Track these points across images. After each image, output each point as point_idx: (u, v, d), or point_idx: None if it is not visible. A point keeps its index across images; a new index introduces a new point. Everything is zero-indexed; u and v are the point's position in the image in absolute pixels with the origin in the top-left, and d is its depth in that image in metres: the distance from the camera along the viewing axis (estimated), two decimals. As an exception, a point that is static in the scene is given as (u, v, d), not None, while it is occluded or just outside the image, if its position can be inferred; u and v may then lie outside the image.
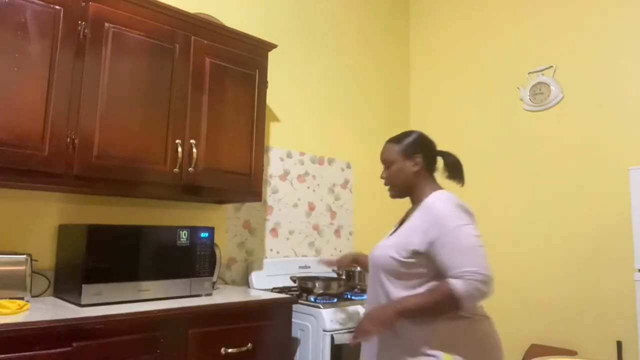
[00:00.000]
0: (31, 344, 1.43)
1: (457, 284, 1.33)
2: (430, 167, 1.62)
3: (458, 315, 1.41)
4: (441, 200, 1.47)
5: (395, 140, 1.65)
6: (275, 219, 2.86)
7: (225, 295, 2.11)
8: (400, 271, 1.47)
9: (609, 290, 2.66)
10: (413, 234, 1.46)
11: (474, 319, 1.44)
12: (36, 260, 1.92)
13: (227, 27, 2.35)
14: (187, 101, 2.13)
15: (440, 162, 1.65)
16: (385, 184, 1.67)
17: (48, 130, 1.73)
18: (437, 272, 1.42)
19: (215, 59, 2.25)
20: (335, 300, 2.29)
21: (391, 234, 1.62)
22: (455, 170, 1.62)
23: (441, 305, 1.37)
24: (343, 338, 2.12)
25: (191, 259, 2.03)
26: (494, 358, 1.43)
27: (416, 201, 1.59)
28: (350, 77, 3.43)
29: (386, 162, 1.65)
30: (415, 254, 1.44)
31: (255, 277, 2.63)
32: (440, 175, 1.63)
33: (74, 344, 1.51)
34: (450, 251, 1.37)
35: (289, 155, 2.97)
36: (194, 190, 2.14)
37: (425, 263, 1.44)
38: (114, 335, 1.60)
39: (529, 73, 3.13)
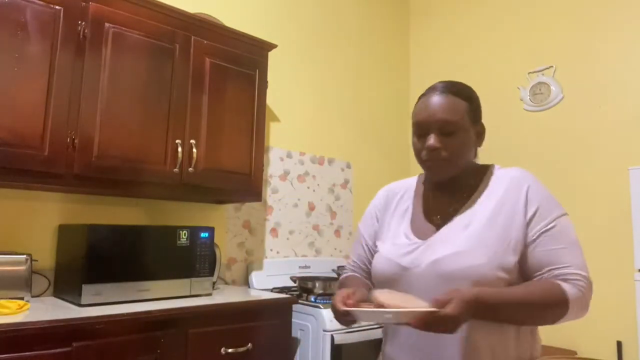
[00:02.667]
0: (31, 344, 1.43)
1: (567, 288, 0.98)
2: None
3: (532, 338, 1.05)
4: (530, 175, 1.07)
5: (458, 92, 1.09)
6: (275, 219, 2.86)
7: (225, 295, 2.11)
8: (505, 284, 1.00)
9: (609, 290, 2.65)
10: (503, 216, 1.03)
11: (537, 342, 1.09)
12: (36, 260, 1.92)
13: (227, 27, 2.35)
14: (187, 101, 2.13)
15: None
16: (442, 159, 1.06)
17: (48, 130, 1.73)
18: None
19: (215, 59, 2.25)
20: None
21: (417, 232, 1.12)
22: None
23: (545, 308, 0.98)
24: (343, 338, 2.12)
25: (191, 259, 2.03)
26: None
27: (459, 181, 1.12)
28: (350, 77, 3.42)
29: (447, 124, 1.05)
30: (519, 254, 1.01)
31: (255, 277, 2.63)
32: None
33: (74, 344, 1.51)
34: (558, 243, 1.00)
35: (289, 155, 2.97)
36: (194, 190, 2.14)
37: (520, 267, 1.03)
38: (114, 335, 1.60)
39: (529, 73, 3.13)
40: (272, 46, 2.51)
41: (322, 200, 3.13)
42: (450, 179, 1.11)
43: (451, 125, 1.05)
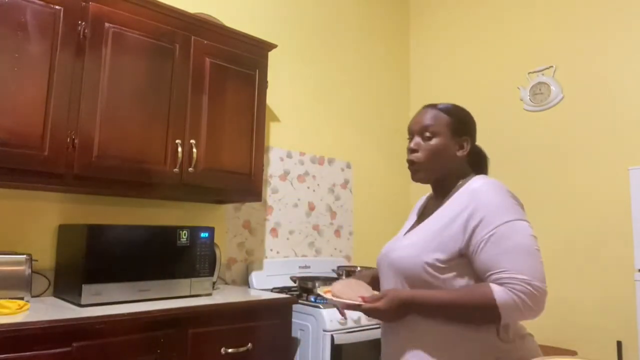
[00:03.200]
0: (31, 344, 1.43)
1: (497, 291, 1.04)
2: (469, 157, 1.29)
3: (496, 338, 1.11)
4: (491, 186, 1.16)
5: (443, 109, 1.26)
6: (275, 219, 2.86)
7: (225, 295, 2.11)
8: (433, 279, 1.13)
9: (609, 290, 2.65)
10: (452, 228, 1.14)
11: (515, 343, 1.13)
12: (36, 260, 1.92)
13: (227, 27, 2.35)
14: (187, 101, 2.13)
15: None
16: (416, 159, 1.24)
17: (48, 130, 1.73)
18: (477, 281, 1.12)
19: (215, 59, 2.25)
20: (335, 300, 2.28)
21: (408, 231, 1.30)
22: (482, 170, 1.32)
23: (474, 310, 1.06)
24: (343, 338, 2.12)
25: (191, 259, 2.03)
26: None
27: (445, 192, 1.26)
28: (350, 77, 3.43)
29: (426, 130, 1.23)
30: (455, 254, 1.12)
31: (255, 277, 2.63)
32: None
33: (74, 344, 1.51)
34: (495, 249, 1.07)
35: (289, 155, 2.97)
36: (194, 190, 2.14)
37: (466, 269, 1.13)
38: (114, 335, 1.60)
39: (529, 73, 3.13)
40: (272, 46, 2.51)
41: (322, 200, 3.13)
42: (438, 188, 1.29)
43: (430, 131, 1.23)
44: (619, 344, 2.57)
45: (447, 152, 1.23)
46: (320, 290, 1.23)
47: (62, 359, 1.49)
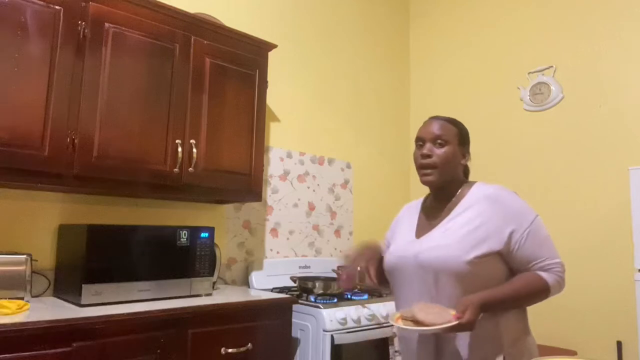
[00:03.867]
0: (31, 344, 1.43)
1: (547, 277, 1.29)
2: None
3: (517, 320, 1.33)
4: (503, 192, 1.34)
5: (450, 121, 1.42)
6: (275, 219, 2.86)
7: (225, 295, 2.11)
8: (470, 275, 1.26)
9: (609, 290, 2.65)
10: (483, 230, 1.28)
11: (526, 324, 1.39)
12: (36, 260, 1.92)
13: (227, 27, 2.35)
14: (187, 101, 2.13)
15: None
16: (429, 162, 1.36)
17: (48, 130, 1.73)
18: (508, 274, 1.30)
19: (215, 59, 2.25)
20: (335, 300, 2.29)
21: (418, 232, 1.41)
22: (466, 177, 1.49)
23: (533, 298, 1.29)
24: (343, 338, 2.12)
25: (191, 259, 2.03)
26: None
27: (447, 197, 1.39)
28: (350, 77, 3.43)
29: (438, 138, 1.36)
30: (488, 252, 1.27)
31: (255, 277, 2.63)
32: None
33: (74, 344, 1.51)
34: (535, 244, 1.29)
35: (289, 155, 2.97)
36: (194, 190, 2.14)
37: (498, 264, 1.29)
38: (114, 335, 1.60)
39: (529, 73, 3.13)
40: (272, 46, 2.51)
41: (322, 200, 3.13)
42: (440, 192, 1.41)
43: (442, 139, 1.36)
44: (619, 344, 2.57)
45: (455, 159, 1.38)
46: (400, 323, 1.20)
47: (62, 359, 1.49)
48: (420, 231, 1.40)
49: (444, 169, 1.36)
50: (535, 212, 1.34)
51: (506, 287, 1.27)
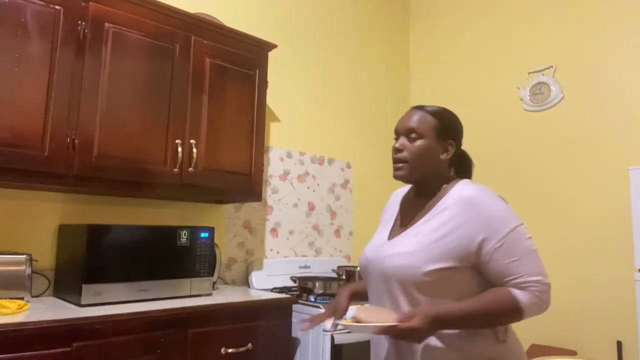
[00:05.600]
0: (31, 344, 1.43)
1: (520, 295, 1.10)
2: (454, 160, 1.32)
3: (494, 339, 1.16)
4: (484, 194, 1.18)
5: (431, 111, 1.29)
6: (275, 219, 2.86)
7: (225, 295, 2.11)
8: (435, 285, 1.15)
9: (609, 290, 2.65)
10: (453, 237, 1.15)
11: (508, 342, 1.19)
12: (36, 260, 1.92)
13: (227, 27, 2.35)
14: (187, 101, 2.13)
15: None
16: (400, 157, 1.26)
17: (48, 130, 1.73)
18: (484, 286, 1.16)
19: (215, 59, 2.25)
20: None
21: (392, 233, 1.32)
22: (467, 174, 1.35)
23: (501, 316, 1.12)
24: (343, 338, 2.12)
25: (191, 259, 2.03)
26: None
27: (428, 193, 1.28)
28: (350, 77, 3.43)
29: (412, 131, 1.26)
30: (457, 263, 1.14)
31: (255, 277, 2.63)
32: None
33: (74, 344, 1.51)
34: (509, 257, 1.12)
35: (289, 155, 2.97)
36: (194, 190, 2.14)
37: (469, 276, 1.16)
38: (114, 335, 1.60)
39: (529, 73, 3.13)
40: (272, 46, 2.51)
41: (322, 200, 3.13)
42: (420, 188, 1.31)
43: (416, 132, 1.25)
44: (619, 344, 2.57)
45: (431, 154, 1.26)
46: (342, 322, 1.20)
47: (62, 359, 1.49)
48: (395, 232, 1.31)
49: (416, 165, 1.25)
50: (519, 221, 1.16)
51: (468, 303, 1.12)
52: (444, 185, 1.27)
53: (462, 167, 1.35)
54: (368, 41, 3.59)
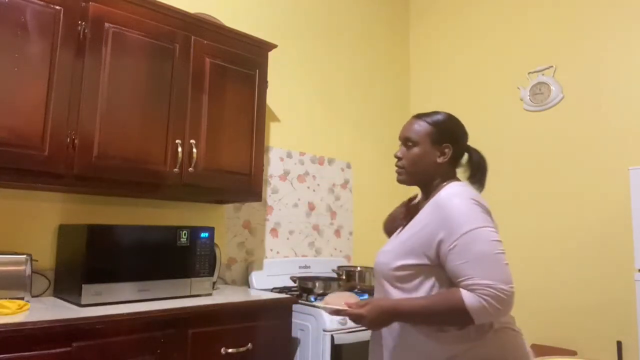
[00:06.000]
0: (31, 344, 1.43)
1: (467, 297, 1.14)
2: (455, 162, 1.39)
3: (460, 337, 1.21)
4: (455, 196, 1.25)
5: (426, 119, 1.38)
6: (275, 219, 2.86)
7: (225, 295, 2.11)
8: (406, 281, 1.26)
9: (609, 290, 2.65)
10: (419, 235, 1.26)
11: (483, 341, 1.21)
12: (36, 260, 1.92)
13: (227, 27, 2.35)
14: (187, 101, 2.13)
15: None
16: (399, 165, 1.40)
17: (48, 130, 1.73)
18: (449, 285, 1.22)
19: (215, 59, 2.25)
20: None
21: (397, 234, 1.42)
22: (478, 172, 1.39)
23: (448, 314, 1.17)
24: (343, 338, 2.12)
25: (191, 259, 2.03)
26: None
27: (429, 194, 1.37)
28: (350, 77, 3.43)
29: (408, 140, 1.37)
30: (423, 260, 1.24)
31: (255, 277, 2.63)
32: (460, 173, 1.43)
33: (74, 344, 1.51)
34: (460, 258, 1.17)
35: (289, 155, 2.97)
36: (194, 190, 2.14)
37: (436, 271, 1.24)
38: (114, 335, 1.60)
39: (529, 73, 3.13)
40: (272, 46, 2.51)
41: (322, 200, 3.13)
42: (423, 190, 1.42)
43: (411, 141, 1.37)
44: (619, 344, 2.57)
45: (427, 159, 1.36)
46: (317, 304, 1.44)
47: (62, 359, 1.49)
48: (399, 232, 1.42)
49: (412, 170, 1.37)
50: (479, 224, 1.19)
51: (420, 299, 1.22)
52: (439, 189, 1.33)
53: (474, 169, 1.40)
54: (368, 41, 3.59)
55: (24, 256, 1.79)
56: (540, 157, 3.03)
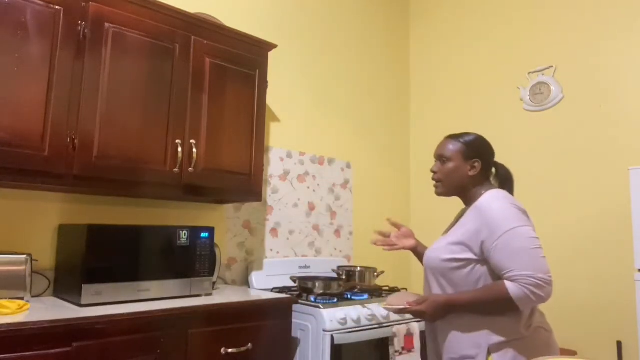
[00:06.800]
0: (31, 344, 1.43)
1: (510, 287, 1.33)
2: (486, 174, 1.61)
3: (518, 328, 1.40)
4: (495, 200, 1.45)
5: (457, 138, 1.61)
6: (275, 219, 2.86)
7: (225, 295, 2.11)
8: (455, 273, 1.47)
9: (609, 290, 2.65)
10: (465, 235, 1.46)
11: (525, 332, 1.41)
12: (36, 260, 1.92)
13: (227, 27, 2.35)
14: (187, 101, 2.13)
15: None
16: (436, 180, 1.62)
17: (48, 130, 1.73)
18: (494, 277, 1.42)
19: (215, 59, 2.25)
20: (335, 300, 2.29)
21: (445, 235, 1.61)
22: (505, 184, 1.61)
23: (496, 304, 1.37)
24: (343, 338, 2.12)
25: (191, 259, 2.03)
26: None
27: (469, 202, 1.59)
28: (350, 77, 3.43)
29: (442, 157, 1.60)
30: (470, 255, 1.44)
31: (255, 277, 2.63)
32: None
33: (74, 344, 1.51)
34: (502, 254, 1.36)
35: (289, 155, 2.97)
36: (194, 190, 2.14)
37: (480, 267, 1.44)
38: (114, 335, 1.60)
39: (529, 73, 3.13)
40: (272, 46, 2.51)
41: (322, 200, 3.13)
42: (462, 198, 1.63)
43: (445, 157, 1.60)
44: (619, 344, 2.57)
45: (459, 172, 1.58)
46: (381, 305, 1.63)
47: (62, 359, 1.49)
48: (446, 233, 1.63)
49: (448, 182, 1.59)
50: (516, 224, 1.38)
51: (470, 292, 1.42)
52: (478, 196, 1.53)
53: (502, 182, 1.63)
54: (368, 41, 3.59)
55: (24, 256, 1.79)
56: (540, 157, 3.03)
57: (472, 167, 1.57)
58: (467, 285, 1.45)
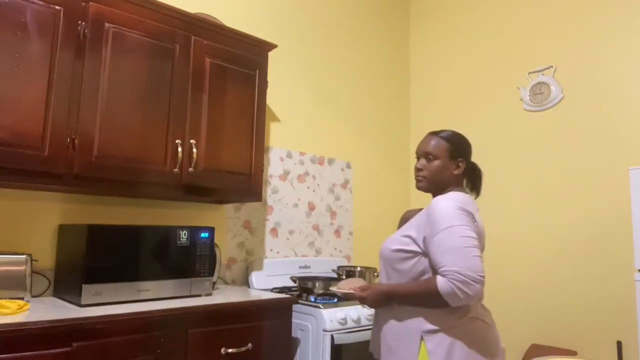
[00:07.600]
0: (31, 344, 1.43)
1: (440, 282, 1.37)
2: (466, 174, 1.65)
3: (456, 316, 1.44)
4: (444, 200, 1.48)
5: (444, 136, 1.62)
6: (275, 219, 2.86)
7: (225, 295, 2.11)
8: (401, 264, 1.53)
9: (609, 290, 2.65)
10: (414, 229, 1.52)
11: (461, 321, 1.44)
12: (36, 260, 1.92)
13: (227, 27, 2.35)
14: (187, 101, 2.13)
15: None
16: (420, 175, 1.62)
17: (48, 130, 1.73)
18: (435, 271, 1.46)
19: (215, 59, 2.25)
20: (335, 300, 2.29)
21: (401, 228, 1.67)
22: (475, 182, 1.67)
23: (429, 297, 1.41)
24: (343, 338, 2.12)
25: (191, 259, 2.03)
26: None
27: None
28: (350, 77, 3.43)
29: (429, 154, 1.60)
30: (414, 248, 1.50)
31: (255, 277, 2.63)
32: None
33: (74, 344, 1.51)
34: (437, 249, 1.41)
35: (289, 155, 2.97)
36: (194, 190, 2.14)
37: (424, 260, 1.49)
38: (114, 335, 1.60)
39: (529, 73, 3.13)
40: (272, 46, 2.51)
41: (322, 200, 3.13)
42: (433, 196, 1.61)
43: (432, 155, 1.60)
44: (619, 344, 2.57)
45: (445, 171, 1.59)
46: (332, 289, 1.65)
47: (62, 359, 1.49)
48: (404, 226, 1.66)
49: (433, 179, 1.60)
50: (453, 223, 1.41)
51: (410, 284, 1.49)
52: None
53: (472, 179, 1.67)
54: (368, 41, 3.59)
55: (24, 256, 1.79)
56: (540, 157, 3.03)
57: (457, 166, 1.60)
58: (411, 275, 1.50)
